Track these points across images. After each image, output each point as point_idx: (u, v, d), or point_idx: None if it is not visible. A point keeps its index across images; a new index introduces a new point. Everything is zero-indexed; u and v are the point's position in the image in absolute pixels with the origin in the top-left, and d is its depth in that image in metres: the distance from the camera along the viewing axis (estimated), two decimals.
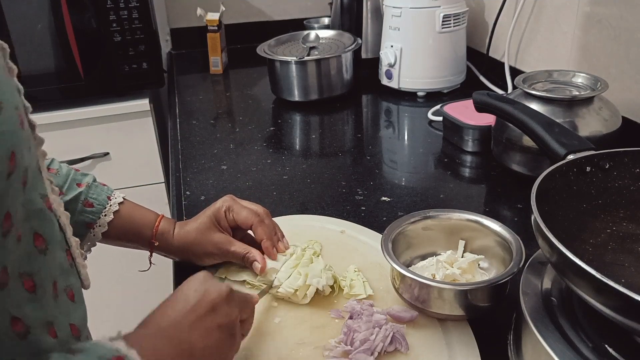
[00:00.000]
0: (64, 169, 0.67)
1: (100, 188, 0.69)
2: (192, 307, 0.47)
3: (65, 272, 0.45)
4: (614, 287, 0.40)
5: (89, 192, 0.67)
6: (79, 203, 0.66)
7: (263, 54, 1.33)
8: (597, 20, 1.00)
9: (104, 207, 0.68)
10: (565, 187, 0.57)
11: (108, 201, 0.68)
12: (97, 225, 0.67)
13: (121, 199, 0.70)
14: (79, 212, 0.66)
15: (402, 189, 0.93)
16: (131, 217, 0.70)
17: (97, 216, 0.67)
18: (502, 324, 0.59)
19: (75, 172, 0.68)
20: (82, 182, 0.68)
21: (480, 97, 0.79)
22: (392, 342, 0.56)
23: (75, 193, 0.66)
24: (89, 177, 0.69)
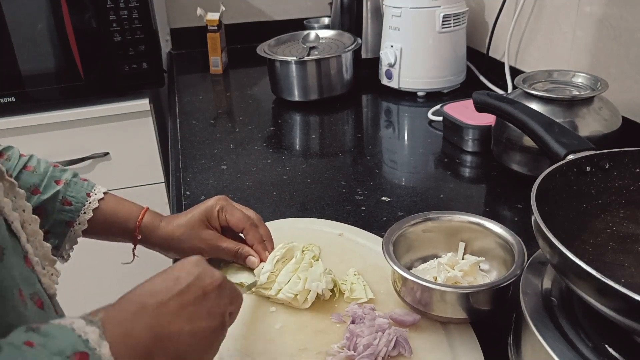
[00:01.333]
0: (42, 166, 0.66)
1: (80, 185, 0.67)
2: (181, 290, 0.44)
3: (27, 279, 0.44)
4: (614, 287, 0.40)
5: (67, 190, 0.66)
6: (57, 202, 0.65)
7: (263, 54, 1.33)
8: (597, 20, 1.00)
9: (83, 204, 0.66)
10: (565, 187, 0.57)
11: (87, 198, 0.67)
12: (77, 224, 0.66)
13: (101, 194, 0.68)
14: (58, 211, 0.65)
15: (402, 189, 0.93)
16: (113, 213, 0.68)
17: (76, 214, 0.66)
18: (502, 324, 0.59)
19: (54, 168, 0.67)
20: (61, 179, 0.66)
21: (480, 97, 0.79)
22: (395, 347, 0.56)
23: (53, 191, 0.65)
24: (67, 174, 0.67)
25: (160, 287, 0.44)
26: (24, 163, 0.65)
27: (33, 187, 0.64)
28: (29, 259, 0.45)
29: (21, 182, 0.63)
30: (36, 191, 0.64)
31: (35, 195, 0.64)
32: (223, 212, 0.69)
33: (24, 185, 0.63)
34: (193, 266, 0.46)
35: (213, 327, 0.45)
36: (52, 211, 0.65)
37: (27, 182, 0.64)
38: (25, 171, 0.64)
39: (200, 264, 0.47)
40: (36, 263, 0.46)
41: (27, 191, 0.63)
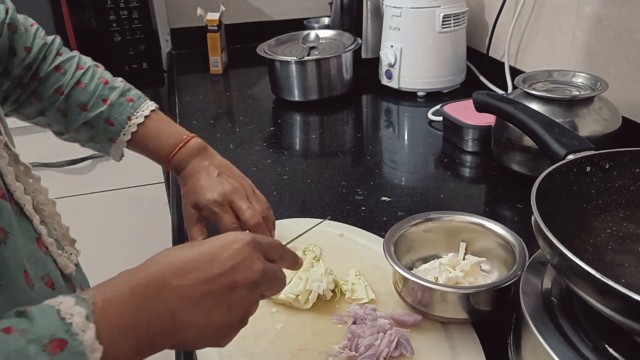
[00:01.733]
0: (93, 82, 0.70)
1: (125, 106, 0.71)
2: (212, 277, 0.41)
3: (38, 260, 0.45)
4: (614, 287, 0.40)
5: (111, 111, 0.70)
6: (102, 120, 0.70)
7: (263, 54, 1.33)
8: (597, 20, 1.00)
9: (123, 127, 0.70)
10: (565, 187, 0.57)
11: (127, 122, 0.70)
12: (118, 141, 0.71)
13: (142, 119, 0.71)
14: (102, 128, 0.70)
15: (402, 189, 0.93)
16: (145, 143, 0.72)
17: (117, 134, 0.71)
18: (502, 324, 0.59)
19: (104, 85, 0.71)
20: (108, 98, 0.70)
21: (480, 97, 0.79)
22: (397, 347, 0.56)
23: (98, 111, 0.70)
24: (115, 93, 0.71)
25: (192, 265, 0.41)
26: (77, 79, 0.69)
27: (82, 104, 0.69)
28: (42, 240, 0.46)
29: (72, 99, 0.69)
30: (84, 108, 0.70)
31: (84, 112, 0.70)
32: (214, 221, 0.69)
33: (75, 102, 0.69)
34: (235, 252, 0.43)
35: (230, 322, 0.43)
36: (97, 126, 0.70)
37: (77, 99, 0.69)
38: (77, 88, 0.69)
39: (245, 250, 0.43)
40: (50, 244, 0.47)
41: (77, 108, 0.69)
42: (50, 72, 0.69)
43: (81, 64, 0.71)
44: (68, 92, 0.69)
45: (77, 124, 0.70)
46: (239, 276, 0.42)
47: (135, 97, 0.72)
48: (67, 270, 0.49)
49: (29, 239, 0.45)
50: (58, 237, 0.51)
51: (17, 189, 0.44)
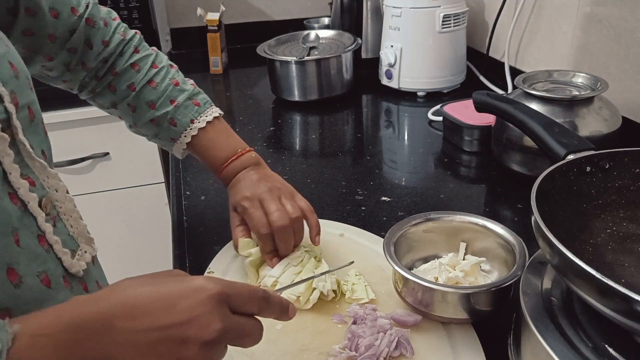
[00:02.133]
0: (164, 83, 0.73)
1: (190, 109, 0.73)
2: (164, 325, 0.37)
3: (37, 257, 0.45)
4: (614, 287, 0.40)
5: (176, 113, 0.73)
6: (166, 120, 0.73)
7: (263, 54, 1.33)
8: (597, 20, 1.00)
9: (185, 129, 0.73)
10: (565, 187, 0.57)
11: (190, 125, 0.73)
12: (179, 142, 0.74)
13: (204, 124, 0.73)
14: (166, 127, 0.73)
15: (402, 189, 0.93)
16: (203, 149, 0.74)
17: (178, 135, 0.73)
18: (502, 324, 0.59)
19: (174, 87, 0.73)
20: (176, 99, 0.73)
21: (480, 97, 0.79)
22: (397, 347, 0.56)
23: (164, 110, 0.72)
24: (183, 95, 0.73)
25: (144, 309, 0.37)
26: (150, 77, 0.72)
27: (150, 102, 0.72)
28: (47, 238, 0.47)
29: (142, 96, 0.72)
30: (152, 106, 0.72)
31: (151, 110, 0.72)
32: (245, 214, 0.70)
33: (144, 99, 0.72)
34: (196, 304, 0.38)
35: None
36: (162, 125, 0.73)
37: (147, 97, 0.72)
38: (148, 86, 0.72)
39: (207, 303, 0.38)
40: (55, 242, 0.47)
41: (146, 105, 0.72)
42: (126, 69, 0.71)
43: (156, 63, 0.73)
44: (139, 90, 0.72)
45: (144, 120, 0.73)
46: (192, 332, 0.38)
47: (202, 101, 0.74)
48: (72, 269, 0.49)
49: (31, 235, 0.45)
50: (74, 234, 0.51)
51: (22, 186, 0.45)
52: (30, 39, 0.63)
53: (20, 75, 0.48)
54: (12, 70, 0.46)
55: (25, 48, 0.63)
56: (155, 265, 0.74)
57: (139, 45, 0.73)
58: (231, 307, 0.40)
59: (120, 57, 0.71)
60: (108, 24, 0.70)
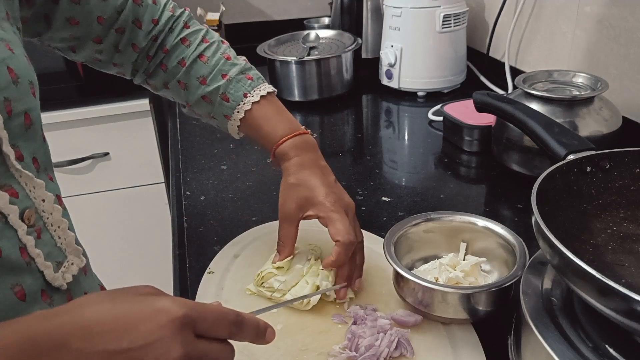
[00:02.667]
0: (215, 57, 0.70)
1: (243, 83, 0.70)
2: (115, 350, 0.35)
3: (14, 269, 0.44)
4: (614, 287, 0.40)
5: (228, 87, 0.69)
6: (218, 96, 0.69)
7: (263, 54, 1.33)
8: (597, 20, 1.00)
9: (238, 104, 0.69)
10: (565, 187, 0.57)
11: (243, 99, 0.69)
12: (232, 119, 0.70)
13: (257, 97, 0.69)
14: (218, 103, 0.70)
15: (402, 189, 0.93)
16: (259, 125, 0.69)
17: (231, 111, 0.70)
18: (503, 324, 0.59)
19: (225, 61, 0.70)
20: (228, 73, 0.69)
21: (481, 97, 0.79)
22: (397, 347, 0.56)
23: (216, 85, 0.69)
24: (235, 69, 0.70)
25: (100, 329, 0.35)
26: (200, 52, 0.69)
27: (201, 77, 0.69)
28: (28, 251, 0.45)
29: (193, 71, 0.69)
30: (203, 82, 0.69)
31: (202, 86, 0.69)
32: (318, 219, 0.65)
33: (195, 75, 0.69)
34: (156, 328, 0.36)
35: None
36: (214, 102, 0.70)
37: (197, 72, 0.69)
38: (199, 61, 0.69)
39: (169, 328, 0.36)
40: (37, 255, 0.46)
41: (197, 81, 0.69)
42: (176, 44, 0.69)
43: (207, 38, 0.71)
44: (189, 64, 0.69)
45: (196, 97, 0.70)
46: (148, 358, 0.35)
47: (255, 76, 0.71)
48: (55, 283, 0.47)
49: (11, 247, 0.44)
50: (62, 245, 0.50)
51: (1, 198, 0.43)
52: (77, 27, 0.62)
53: (21, 81, 0.46)
54: (11, 77, 0.45)
55: (73, 35, 0.63)
56: (155, 266, 0.74)
57: (189, 20, 0.71)
58: (197, 331, 0.38)
59: (170, 33, 0.69)
60: (157, 2, 0.69)
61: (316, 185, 0.65)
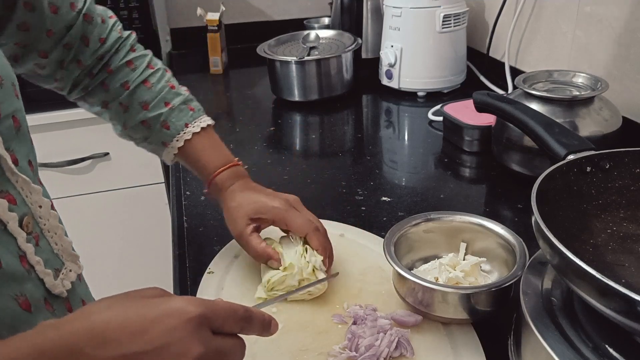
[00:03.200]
0: (160, 84, 0.71)
1: (185, 112, 0.72)
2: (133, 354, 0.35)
3: (16, 279, 0.43)
4: (614, 287, 0.40)
5: (170, 115, 0.71)
6: (159, 123, 0.71)
7: (263, 54, 1.33)
8: (597, 20, 1.00)
9: (178, 132, 0.71)
10: (565, 187, 0.57)
11: (184, 128, 0.71)
12: (170, 147, 0.72)
13: (198, 129, 0.71)
14: (158, 130, 0.71)
15: (402, 189, 0.93)
16: (197, 156, 0.72)
17: (170, 139, 0.71)
18: (503, 324, 0.59)
19: (169, 89, 0.72)
20: (170, 102, 0.71)
21: (481, 97, 0.79)
22: (397, 347, 0.56)
23: (158, 112, 0.70)
24: (179, 99, 0.72)
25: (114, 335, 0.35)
26: (145, 77, 0.70)
27: (144, 103, 0.70)
28: (27, 259, 0.45)
29: (136, 96, 0.70)
30: (145, 107, 0.70)
31: (143, 111, 0.70)
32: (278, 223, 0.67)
33: (137, 99, 0.70)
34: (171, 330, 0.36)
35: None
36: (154, 127, 0.71)
37: (140, 97, 0.70)
38: (143, 86, 0.70)
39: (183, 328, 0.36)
40: (37, 263, 0.45)
41: (138, 105, 0.70)
42: (121, 66, 0.70)
43: (152, 64, 0.72)
44: (133, 89, 0.70)
45: (135, 122, 0.71)
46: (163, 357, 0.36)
47: (196, 108, 0.74)
48: (55, 290, 0.47)
49: (10, 256, 0.43)
50: (59, 251, 0.49)
51: (0, 205, 0.43)
52: (27, 34, 0.61)
53: (5, 83, 0.46)
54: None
55: (20, 44, 0.62)
56: (155, 266, 0.74)
57: (135, 44, 0.72)
58: (212, 328, 0.39)
59: (116, 54, 0.70)
60: (105, 21, 0.69)
61: (258, 197, 0.68)
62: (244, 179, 0.72)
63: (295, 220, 0.66)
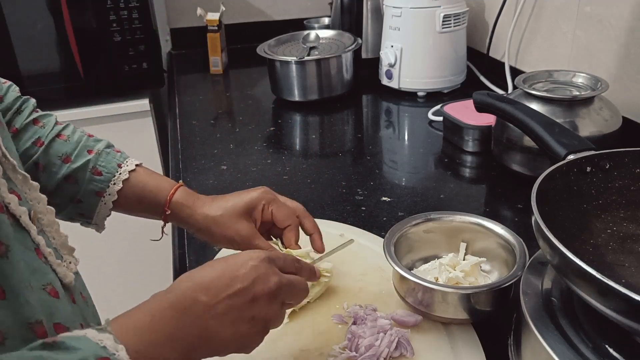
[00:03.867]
0: (76, 135, 0.66)
1: (112, 155, 0.67)
2: (233, 292, 0.45)
3: (38, 271, 0.44)
4: (614, 287, 0.40)
5: (98, 160, 0.65)
6: (88, 171, 0.64)
7: (263, 54, 1.33)
8: (597, 20, 1.00)
9: (113, 175, 0.65)
10: (565, 187, 0.57)
11: (118, 169, 0.66)
12: (107, 194, 0.65)
13: (133, 166, 0.67)
14: (88, 180, 0.64)
15: (402, 189, 0.93)
16: (143, 185, 0.66)
17: (106, 185, 0.65)
18: (503, 324, 0.59)
19: (88, 138, 0.67)
20: (93, 149, 0.66)
21: (481, 97, 0.79)
22: (397, 348, 0.56)
23: (84, 160, 0.64)
24: (101, 144, 0.67)
25: (216, 283, 0.45)
26: (58, 131, 0.65)
27: (65, 155, 0.64)
28: (41, 250, 0.46)
29: (53, 150, 0.63)
30: (67, 160, 0.64)
31: (66, 164, 0.64)
32: (269, 207, 0.66)
33: (56, 154, 0.63)
34: (252, 268, 0.47)
35: (254, 332, 0.47)
36: (82, 180, 0.64)
37: (59, 150, 0.64)
38: (59, 139, 0.64)
39: (261, 266, 0.47)
40: (49, 254, 0.46)
41: (58, 160, 0.63)
42: (27, 125, 0.64)
43: (59, 121, 0.67)
44: (48, 144, 0.63)
45: (58, 180, 0.63)
46: (257, 289, 0.46)
47: (121, 150, 0.69)
48: (66, 280, 0.48)
49: (26, 249, 0.44)
50: (57, 245, 0.50)
51: (12, 201, 0.43)
52: None
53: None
54: None
55: None
56: (155, 265, 0.74)
57: (36, 107, 0.66)
58: (277, 266, 0.49)
59: (18, 114, 0.63)
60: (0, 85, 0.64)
61: (234, 198, 0.66)
62: (201, 195, 0.68)
63: (286, 202, 0.67)
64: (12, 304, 0.39)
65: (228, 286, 0.45)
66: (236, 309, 0.45)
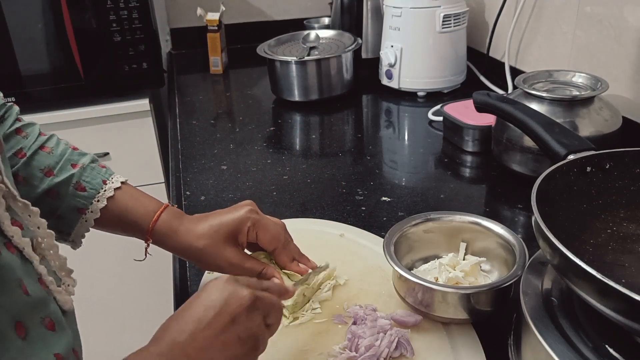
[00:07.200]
0: (60, 147, 0.63)
1: (97, 170, 0.64)
2: (210, 321, 0.45)
3: (41, 303, 0.43)
4: (614, 287, 0.40)
5: (83, 175, 0.62)
6: (71, 186, 0.61)
7: (263, 54, 1.33)
8: (597, 20, 1.00)
9: (97, 192, 0.62)
10: (565, 187, 0.57)
11: (103, 186, 0.62)
12: (89, 211, 0.62)
13: (118, 183, 0.63)
14: (71, 195, 0.61)
15: (402, 189, 0.93)
16: (127, 206, 0.63)
17: (89, 201, 0.62)
18: (503, 324, 0.59)
19: (72, 151, 0.64)
20: (78, 163, 0.63)
21: (481, 97, 0.79)
22: (397, 348, 0.56)
23: (67, 175, 0.61)
24: (86, 158, 0.64)
25: (189, 320, 0.45)
26: (41, 143, 0.62)
27: (47, 168, 0.61)
28: (43, 280, 0.45)
29: (35, 163, 0.61)
30: (50, 173, 0.61)
31: (48, 178, 0.61)
32: (254, 230, 0.63)
33: (39, 167, 0.61)
34: (220, 291, 0.47)
35: (246, 351, 0.47)
36: (64, 195, 0.61)
37: (42, 163, 0.61)
38: (42, 152, 0.61)
39: (227, 287, 0.47)
40: (50, 282, 0.45)
41: (40, 173, 0.60)
42: (10, 134, 0.61)
43: (43, 132, 0.64)
44: (30, 155, 0.60)
45: (38, 193, 0.60)
46: (232, 308, 0.46)
47: (106, 165, 0.66)
48: (66, 306, 0.47)
49: (31, 281, 0.43)
50: (56, 268, 0.49)
51: (15, 233, 0.42)
52: None
53: None
54: None
55: None
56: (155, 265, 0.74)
57: (19, 115, 0.63)
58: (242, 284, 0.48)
59: (1, 123, 0.61)
60: None
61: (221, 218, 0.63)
62: (186, 215, 0.65)
63: (268, 225, 0.64)
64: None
65: (203, 317, 0.45)
66: (219, 334, 0.45)
